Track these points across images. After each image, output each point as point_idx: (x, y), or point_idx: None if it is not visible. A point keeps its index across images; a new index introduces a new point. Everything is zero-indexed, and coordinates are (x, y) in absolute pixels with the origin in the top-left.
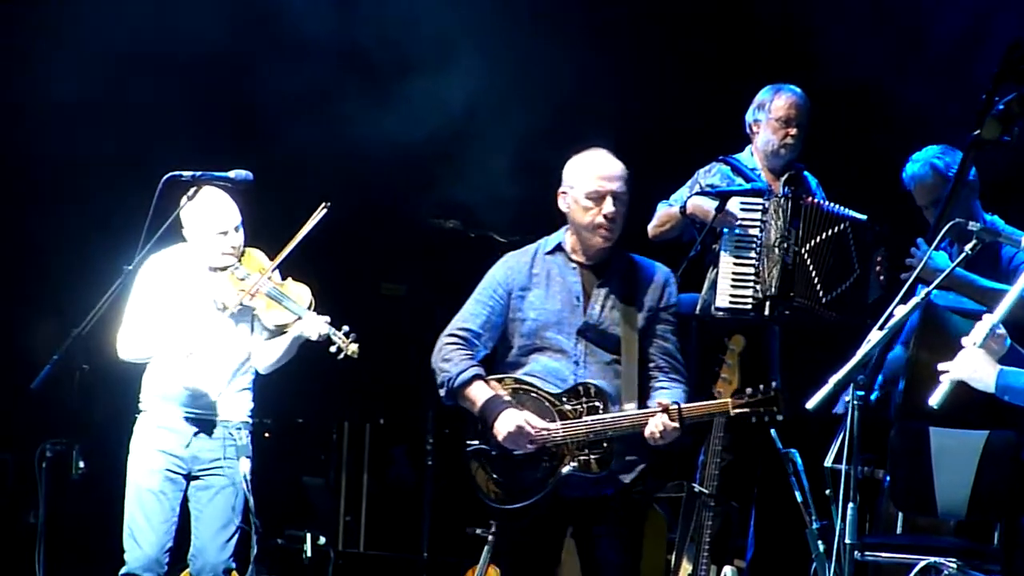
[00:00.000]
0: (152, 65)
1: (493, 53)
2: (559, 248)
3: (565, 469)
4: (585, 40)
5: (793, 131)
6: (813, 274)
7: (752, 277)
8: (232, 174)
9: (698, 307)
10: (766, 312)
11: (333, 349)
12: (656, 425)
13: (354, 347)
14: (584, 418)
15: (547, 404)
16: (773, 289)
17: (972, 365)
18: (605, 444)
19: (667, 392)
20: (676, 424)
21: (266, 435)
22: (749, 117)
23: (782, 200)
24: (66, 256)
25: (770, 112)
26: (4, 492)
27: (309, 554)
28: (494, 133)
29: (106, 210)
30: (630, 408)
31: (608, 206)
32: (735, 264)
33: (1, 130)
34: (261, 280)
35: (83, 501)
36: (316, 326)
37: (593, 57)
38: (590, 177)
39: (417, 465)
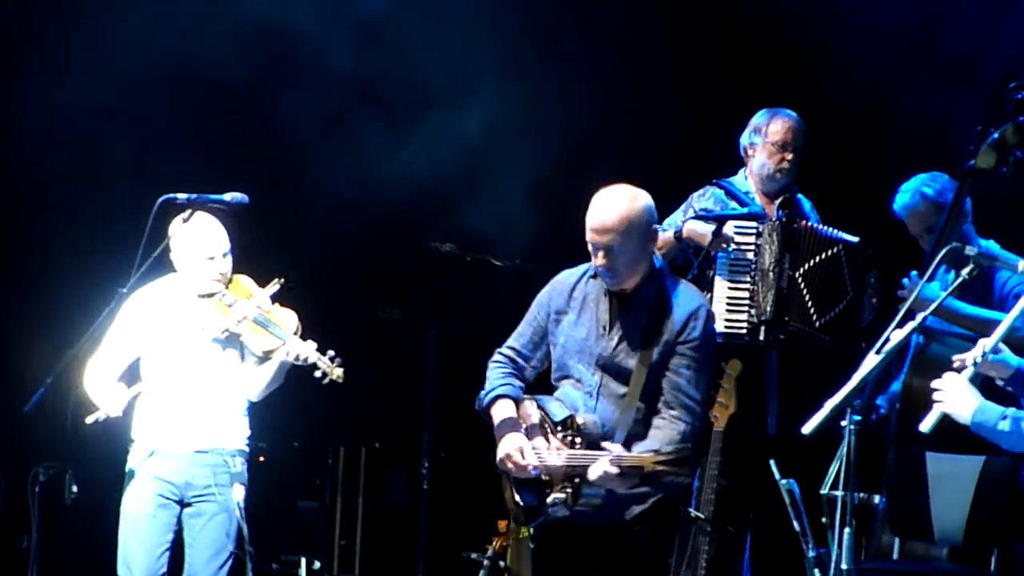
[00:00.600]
0: (161, 88)
1: (505, 85)
2: (597, 274)
3: (549, 499)
4: (591, 64)
5: (789, 156)
6: (807, 298)
7: (747, 301)
8: (228, 197)
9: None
10: (761, 337)
11: (318, 374)
12: (596, 469)
13: (339, 372)
14: (566, 451)
15: (547, 431)
16: (768, 314)
17: (954, 397)
18: (577, 480)
19: (656, 433)
20: (615, 470)
21: (261, 459)
22: (744, 140)
23: (776, 224)
24: (61, 278)
25: (766, 136)
26: None
27: None
28: (506, 162)
29: (102, 232)
30: (610, 446)
31: (597, 259)
32: (730, 288)
33: None
34: (247, 306)
35: (76, 526)
36: (301, 351)
37: (593, 83)
38: (586, 225)
39: (413, 489)
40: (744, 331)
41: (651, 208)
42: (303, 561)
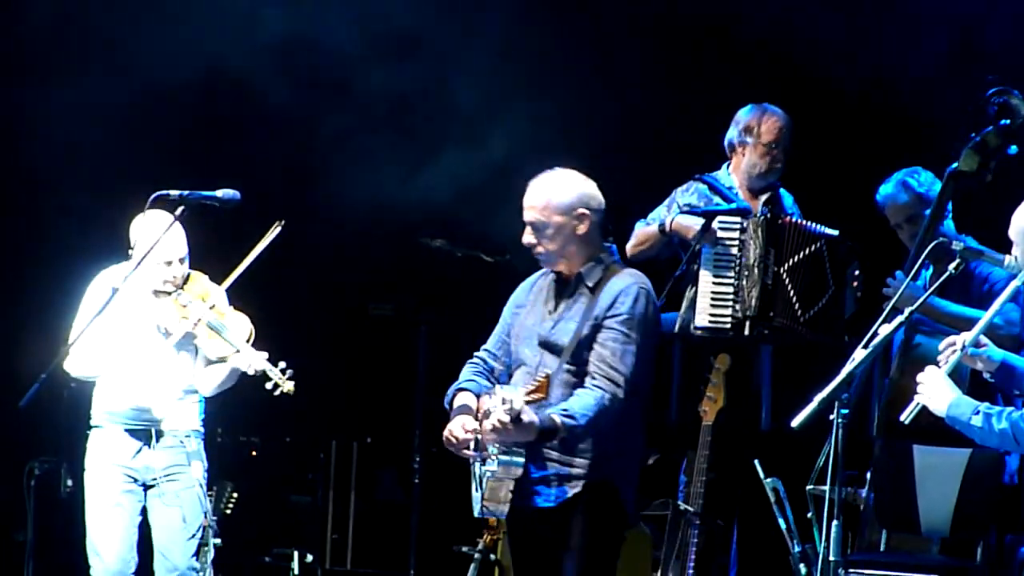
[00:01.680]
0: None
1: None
2: None
3: (479, 472)
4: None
5: (780, 155)
6: (791, 293)
7: (731, 296)
8: (219, 193)
9: (677, 326)
10: (746, 332)
11: (269, 385)
12: (488, 423)
13: (290, 385)
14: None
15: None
16: (753, 309)
17: (931, 390)
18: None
19: (572, 398)
20: (504, 416)
21: (253, 453)
22: (733, 138)
23: (761, 220)
24: (54, 274)
25: (759, 137)
26: None
27: (296, 572)
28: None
29: (95, 228)
30: (506, 392)
31: (524, 234)
32: (714, 283)
33: None
34: (203, 308)
35: (71, 519)
36: (253, 361)
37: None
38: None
39: (404, 483)
40: (728, 326)
41: (583, 193)
42: (295, 555)
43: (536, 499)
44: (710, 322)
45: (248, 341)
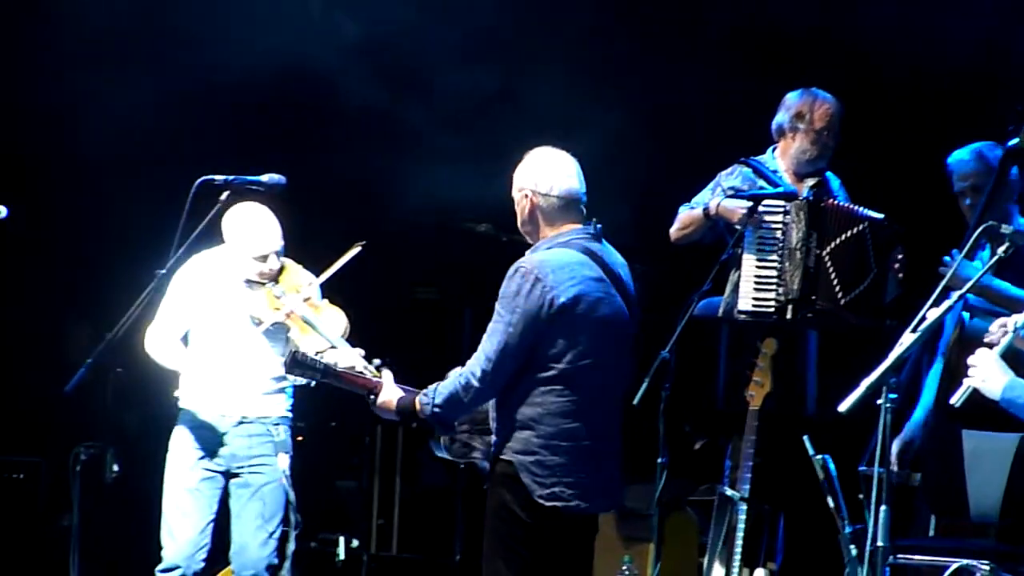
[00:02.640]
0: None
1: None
2: None
3: None
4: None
5: (831, 142)
6: (833, 276)
7: (775, 280)
8: (265, 178)
9: (721, 310)
10: (788, 316)
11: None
12: None
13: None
14: None
15: None
16: (795, 293)
17: (984, 372)
18: None
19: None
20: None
21: (300, 439)
22: (783, 122)
23: (803, 203)
24: (100, 260)
25: (811, 123)
26: (38, 496)
27: (342, 557)
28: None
29: (140, 214)
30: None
31: None
32: (757, 267)
33: (36, 134)
34: (296, 301)
35: (117, 504)
36: (347, 358)
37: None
38: None
39: (449, 468)
40: (772, 310)
41: (529, 174)
42: (341, 540)
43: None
44: (754, 306)
45: (343, 336)
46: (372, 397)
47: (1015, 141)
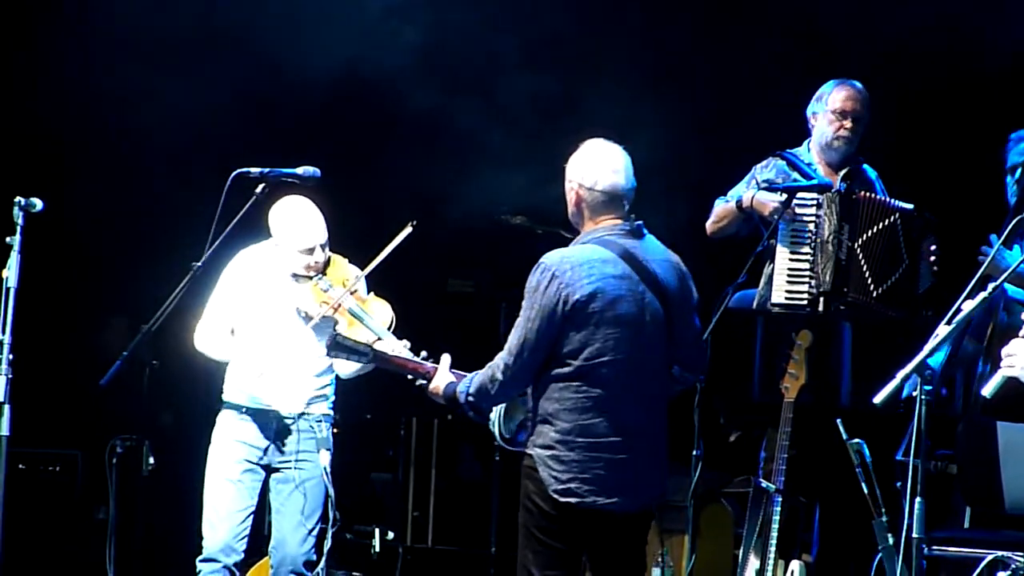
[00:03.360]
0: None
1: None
2: None
3: None
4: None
5: (848, 124)
6: (864, 269)
7: (807, 273)
8: (300, 171)
9: (755, 302)
10: (820, 308)
11: (410, 376)
12: None
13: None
14: None
15: None
16: (827, 285)
17: (1022, 361)
18: None
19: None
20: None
21: (335, 431)
22: (808, 110)
23: (835, 195)
24: (136, 253)
25: (827, 104)
26: (75, 488)
27: (378, 549)
28: None
29: (175, 207)
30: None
31: None
32: (790, 259)
33: (70, 128)
34: (343, 294)
35: (153, 497)
36: (394, 350)
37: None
38: None
39: (484, 461)
40: (805, 302)
41: (576, 168)
42: (376, 532)
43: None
44: (787, 298)
45: (389, 328)
46: (424, 382)
47: None
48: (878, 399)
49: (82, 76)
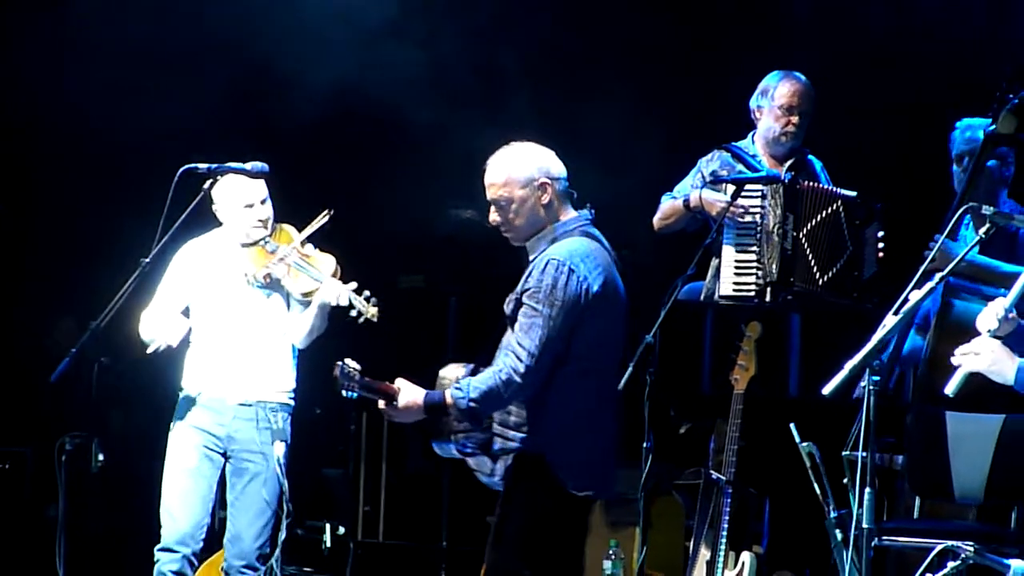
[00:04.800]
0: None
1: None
2: None
3: None
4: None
5: (795, 119)
6: (810, 257)
7: (754, 264)
8: (248, 166)
9: (703, 295)
10: (768, 299)
11: (353, 313)
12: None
13: (374, 311)
14: None
15: None
16: (773, 276)
17: (990, 357)
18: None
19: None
20: (383, 404)
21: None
22: (752, 103)
23: (778, 186)
24: (84, 250)
25: (773, 99)
26: (24, 485)
27: (329, 544)
28: None
29: (123, 204)
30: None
31: (491, 214)
32: (737, 252)
33: (17, 126)
34: (287, 250)
35: (103, 494)
36: (337, 291)
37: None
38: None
39: (435, 455)
40: (752, 294)
41: (540, 164)
42: (328, 527)
43: (477, 473)
44: (735, 290)
45: (334, 276)
46: (394, 403)
47: (992, 127)
48: (827, 390)
49: (33, 76)
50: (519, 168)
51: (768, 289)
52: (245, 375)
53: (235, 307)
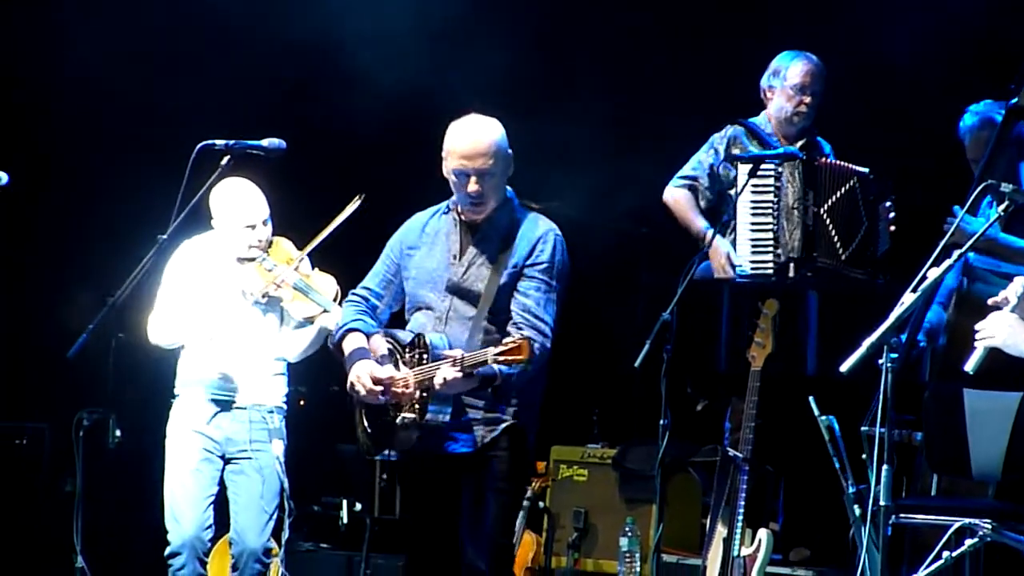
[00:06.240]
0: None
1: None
2: (450, 208)
3: (398, 419)
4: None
5: (807, 99)
6: (832, 233)
7: (771, 242)
8: (265, 143)
9: (715, 274)
10: (791, 274)
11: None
12: (440, 374)
13: None
14: (414, 369)
15: (396, 356)
16: (796, 251)
17: (1007, 332)
18: (424, 394)
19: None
20: (458, 373)
21: (301, 403)
22: (764, 82)
23: (797, 162)
24: (101, 226)
25: (785, 79)
26: (42, 460)
27: (345, 520)
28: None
29: (141, 180)
30: (451, 352)
31: (471, 185)
32: (752, 230)
33: (35, 101)
34: (287, 271)
35: (120, 469)
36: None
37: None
38: (455, 154)
39: None
40: (771, 271)
41: (505, 135)
42: (344, 503)
43: (452, 445)
44: (752, 269)
45: (336, 301)
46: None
47: (1014, 101)
48: (844, 367)
49: (52, 50)
50: (500, 139)
51: (791, 265)
52: (240, 381)
53: (231, 317)
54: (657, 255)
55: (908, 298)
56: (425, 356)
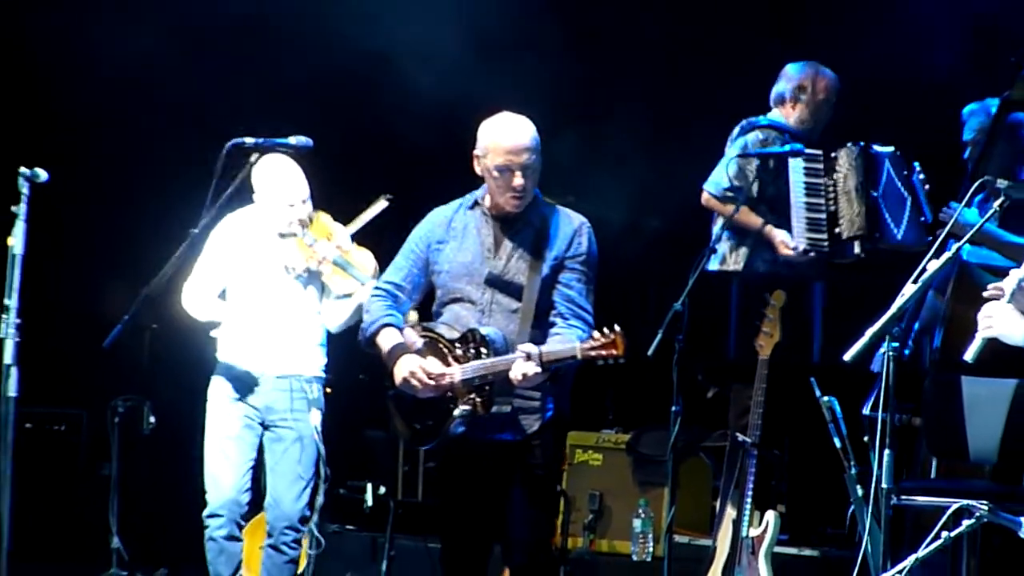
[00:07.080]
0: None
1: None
2: (477, 203)
3: (456, 411)
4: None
5: (828, 113)
6: (885, 213)
7: (825, 221)
8: (293, 140)
9: (779, 257)
10: (856, 250)
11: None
12: (518, 369)
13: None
14: (471, 363)
15: (444, 350)
16: (864, 229)
17: (1003, 322)
18: (487, 388)
19: (558, 337)
20: (538, 368)
21: (328, 390)
22: (784, 92)
23: (857, 150)
24: (136, 219)
25: (814, 94)
26: (79, 446)
27: (370, 503)
28: None
29: (175, 173)
30: (526, 347)
31: (517, 179)
32: (808, 211)
33: (70, 92)
34: (327, 247)
35: (153, 454)
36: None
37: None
38: (498, 151)
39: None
40: (826, 247)
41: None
42: (369, 487)
43: (500, 434)
44: (809, 243)
45: (373, 276)
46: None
47: (1008, 94)
48: (848, 356)
49: (84, 46)
50: (536, 135)
51: (856, 241)
52: (281, 351)
53: (272, 288)
54: (671, 246)
55: (909, 289)
56: (484, 350)
